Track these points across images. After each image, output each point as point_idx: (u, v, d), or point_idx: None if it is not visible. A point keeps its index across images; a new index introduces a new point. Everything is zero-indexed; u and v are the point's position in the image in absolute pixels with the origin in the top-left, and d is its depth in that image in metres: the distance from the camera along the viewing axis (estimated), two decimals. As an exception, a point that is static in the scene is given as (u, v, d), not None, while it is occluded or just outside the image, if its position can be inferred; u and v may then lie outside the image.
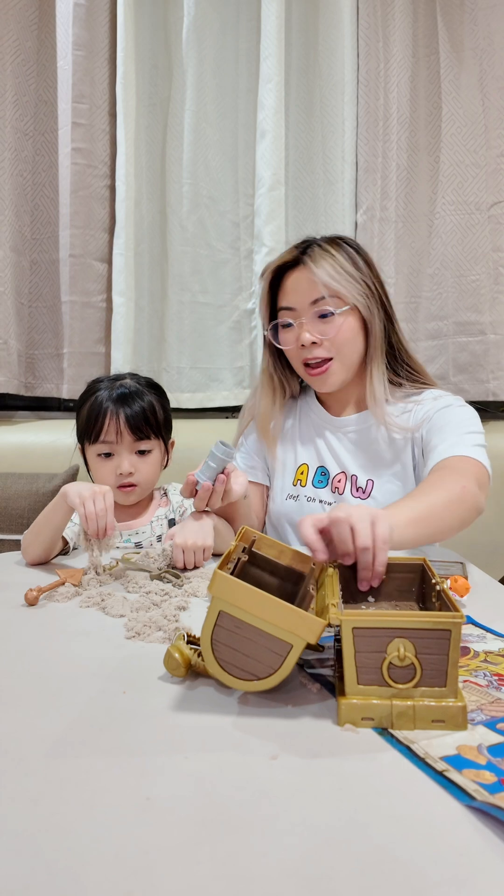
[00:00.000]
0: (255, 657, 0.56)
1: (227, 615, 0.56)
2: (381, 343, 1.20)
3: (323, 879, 0.36)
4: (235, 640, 0.56)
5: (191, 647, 0.63)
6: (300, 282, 1.17)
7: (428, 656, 0.52)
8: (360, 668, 0.53)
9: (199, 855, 0.38)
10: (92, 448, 1.18)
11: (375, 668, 0.53)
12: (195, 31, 1.79)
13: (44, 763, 0.48)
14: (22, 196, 1.76)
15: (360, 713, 0.53)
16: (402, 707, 0.52)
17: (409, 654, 0.52)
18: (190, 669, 0.61)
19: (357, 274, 1.16)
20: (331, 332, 1.15)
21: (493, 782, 0.45)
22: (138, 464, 1.18)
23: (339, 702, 0.54)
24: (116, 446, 1.17)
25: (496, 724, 0.53)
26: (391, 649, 0.53)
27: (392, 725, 0.52)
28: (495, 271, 1.84)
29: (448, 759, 0.48)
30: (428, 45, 1.85)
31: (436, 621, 0.52)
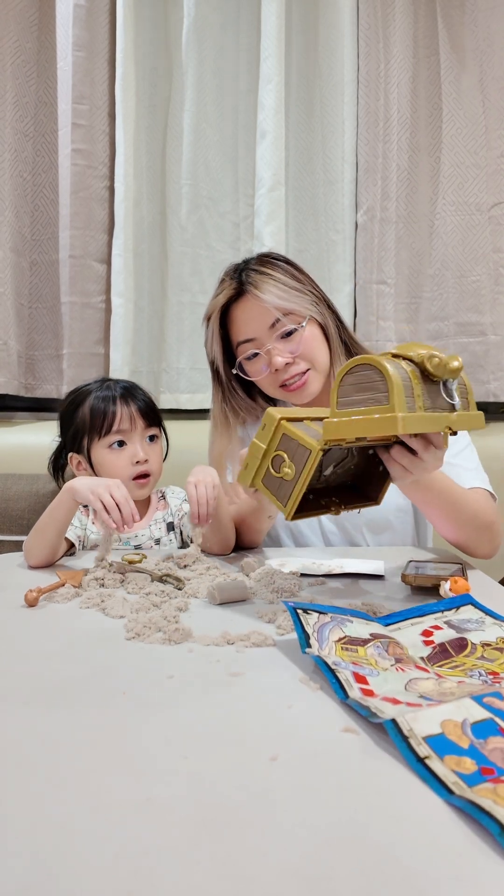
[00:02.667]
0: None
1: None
2: (339, 345, 1.22)
3: (323, 880, 0.36)
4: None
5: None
6: (251, 311, 1.16)
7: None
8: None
9: (199, 855, 0.38)
10: (102, 442, 1.18)
11: None
12: (195, 31, 1.79)
13: (43, 764, 0.48)
14: (22, 197, 1.76)
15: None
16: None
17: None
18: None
19: (300, 286, 1.18)
20: (297, 348, 1.16)
21: (473, 772, 0.45)
22: (149, 451, 1.20)
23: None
24: (130, 433, 1.18)
25: (483, 699, 0.52)
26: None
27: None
28: (496, 272, 1.84)
29: (431, 740, 0.48)
30: (428, 46, 1.85)
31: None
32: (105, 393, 1.20)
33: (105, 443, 1.18)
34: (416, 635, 0.73)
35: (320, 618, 0.71)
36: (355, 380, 0.75)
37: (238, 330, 1.20)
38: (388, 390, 0.71)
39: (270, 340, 1.16)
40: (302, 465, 0.77)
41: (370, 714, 0.52)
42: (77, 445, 1.21)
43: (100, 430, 1.17)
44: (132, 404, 1.19)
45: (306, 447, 0.77)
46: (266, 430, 0.81)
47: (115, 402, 1.18)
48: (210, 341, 1.23)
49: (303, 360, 1.16)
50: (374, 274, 1.85)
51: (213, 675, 0.63)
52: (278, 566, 1.01)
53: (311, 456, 0.76)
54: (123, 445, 1.18)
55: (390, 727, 0.49)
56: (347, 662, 0.62)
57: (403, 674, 0.61)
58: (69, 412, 1.22)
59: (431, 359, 0.74)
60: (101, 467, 1.19)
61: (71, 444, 1.22)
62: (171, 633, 0.72)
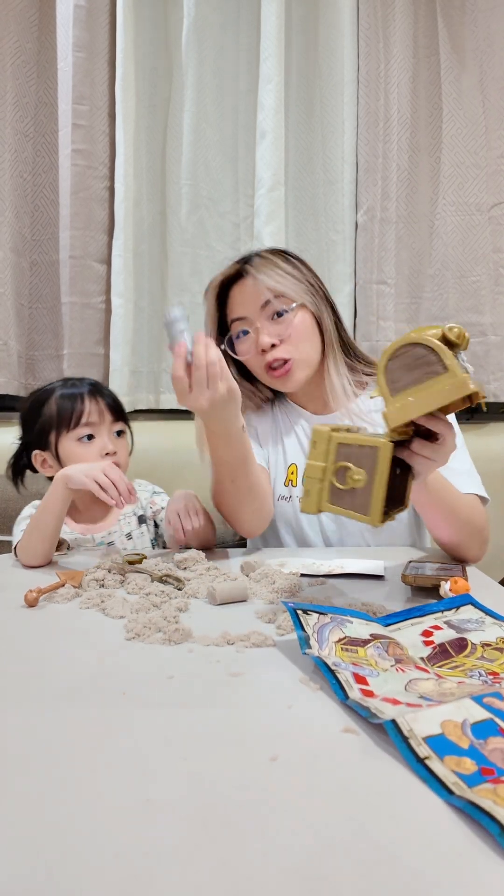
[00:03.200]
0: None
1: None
2: (334, 338, 1.23)
3: (323, 880, 0.36)
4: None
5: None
6: (245, 291, 1.20)
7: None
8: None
9: (199, 856, 0.38)
10: (70, 435, 1.19)
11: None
12: (195, 32, 1.80)
13: (43, 764, 0.48)
14: (22, 197, 1.76)
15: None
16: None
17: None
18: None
19: (299, 274, 1.21)
20: (285, 331, 1.18)
21: (473, 772, 0.45)
22: (117, 444, 1.22)
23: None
24: (99, 427, 1.20)
25: (483, 699, 0.52)
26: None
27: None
28: (496, 272, 1.84)
29: (431, 740, 0.48)
30: (428, 46, 1.85)
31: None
32: (71, 390, 1.22)
33: (74, 436, 1.19)
34: (416, 635, 0.73)
35: (320, 618, 0.71)
36: (402, 362, 0.75)
37: (232, 308, 1.23)
38: (441, 359, 0.73)
39: (261, 321, 1.19)
40: (374, 466, 0.75)
41: (370, 715, 0.52)
42: (43, 442, 1.21)
43: (68, 423, 1.19)
44: (100, 399, 1.21)
45: (372, 446, 0.75)
46: (318, 447, 0.78)
47: (83, 397, 1.20)
48: (206, 318, 1.26)
49: (288, 345, 1.18)
50: (374, 274, 1.85)
51: (213, 676, 0.63)
52: (278, 566, 1.01)
53: (382, 451, 0.74)
54: (92, 439, 1.20)
55: (390, 728, 0.49)
56: (347, 663, 0.62)
57: (403, 674, 0.61)
58: (33, 410, 1.23)
59: (451, 330, 0.75)
60: (70, 460, 1.19)
61: (36, 442, 1.22)
62: (171, 634, 0.72)
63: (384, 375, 0.77)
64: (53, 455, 1.21)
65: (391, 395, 0.76)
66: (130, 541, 1.26)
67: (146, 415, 1.87)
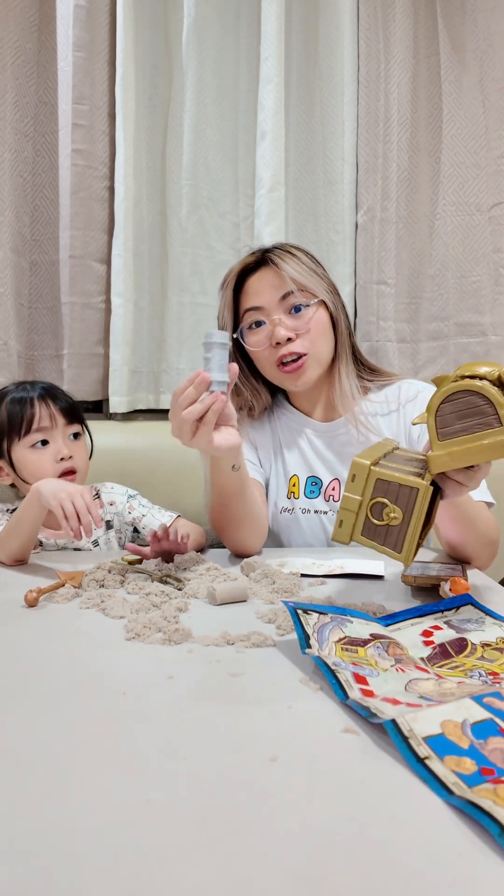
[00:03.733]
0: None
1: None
2: (347, 340, 1.22)
3: (323, 881, 0.36)
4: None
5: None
6: (265, 280, 1.17)
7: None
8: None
9: (199, 856, 0.38)
10: (23, 442, 1.16)
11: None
12: (195, 32, 1.79)
13: (43, 764, 0.48)
14: (22, 197, 1.76)
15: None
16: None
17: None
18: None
19: (319, 271, 1.19)
20: (303, 326, 1.15)
21: (473, 772, 0.45)
22: (73, 448, 1.19)
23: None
24: (52, 431, 1.17)
25: (483, 699, 0.52)
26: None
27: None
28: (496, 272, 1.84)
29: (431, 740, 0.48)
30: (428, 47, 1.85)
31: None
32: (21, 394, 1.19)
33: (27, 443, 1.16)
34: (416, 635, 0.73)
35: (320, 618, 0.71)
36: (455, 407, 0.74)
37: (249, 298, 1.19)
38: (498, 413, 0.71)
39: (278, 313, 1.16)
40: (411, 506, 0.74)
41: (370, 714, 0.52)
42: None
43: (19, 430, 1.16)
44: (51, 404, 1.18)
45: (411, 486, 0.74)
46: (357, 480, 0.76)
47: (33, 402, 1.17)
48: (223, 308, 1.22)
49: (304, 340, 1.15)
50: (374, 274, 1.85)
51: (213, 676, 0.63)
52: (278, 566, 1.01)
53: (421, 493, 0.73)
54: (46, 444, 1.17)
55: (390, 727, 0.49)
56: (347, 663, 0.62)
57: (403, 674, 0.61)
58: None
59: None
60: (25, 468, 1.17)
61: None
62: (171, 634, 0.72)
63: (434, 417, 0.76)
64: (7, 462, 1.19)
65: (439, 440, 0.75)
66: (97, 547, 1.23)
67: (146, 415, 1.87)
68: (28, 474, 1.16)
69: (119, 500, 1.27)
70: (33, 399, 1.17)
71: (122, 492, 1.29)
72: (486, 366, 0.74)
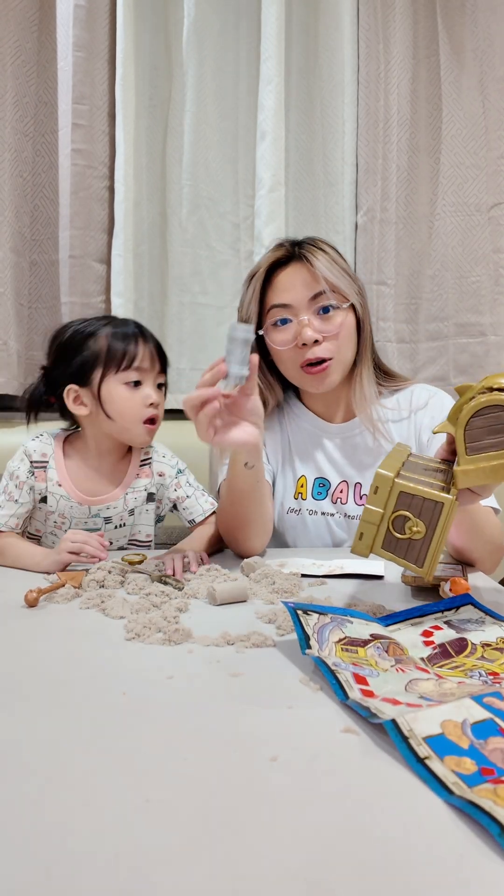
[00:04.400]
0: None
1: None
2: (370, 344, 1.19)
3: (323, 882, 0.36)
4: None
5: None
6: (296, 277, 1.13)
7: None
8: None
9: (199, 857, 0.38)
10: (118, 377, 1.10)
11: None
12: (195, 32, 1.80)
13: (43, 764, 0.48)
14: (22, 197, 1.76)
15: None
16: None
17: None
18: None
19: (351, 272, 1.16)
20: (332, 329, 1.12)
21: (473, 772, 0.45)
22: (159, 397, 1.14)
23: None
24: (147, 374, 1.12)
25: (483, 699, 0.52)
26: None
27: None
28: (496, 273, 1.84)
29: (431, 740, 0.48)
30: (428, 47, 1.85)
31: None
32: (124, 329, 1.13)
33: (122, 378, 1.11)
34: (416, 636, 0.73)
35: (320, 618, 0.71)
36: (485, 422, 0.73)
37: (277, 293, 1.14)
38: None
39: (307, 312, 1.12)
40: (435, 520, 0.72)
41: (370, 715, 0.52)
42: (82, 378, 1.12)
43: (118, 365, 1.10)
44: (151, 348, 1.14)
45: (436, 500, 0.72)
46: (380, 493, 0.75)
47: (137, 341, 1.12)
48: (248, 301, 1.17)
49: (331, 344, 1.12)
50: (374, 275, 1.85)
51: (212, 676, 0.63)
52: (278, 567, 1.01)
53: (446, 508, 0.72)
54: (139, 386, 1.12)
55: (390, 727, 0.49)
56: (347, 663, 0.62)
57: (403, 674, 0.61)
58: (76, 343, 1.13)
59: None
60: (114, 403, 1.11)
61: (72, 377, 1.13)
62: (171, 634, 0.72)
63: (464, 431, 0.74)
64: (94, 394, 1.11)
65: (467, 454, 0.74)
66: (131, 517, 1.19)
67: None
68: (115, 410, 1.11)
69: (168, 473, 1.21)
70: (137, 338, 1.12)
71: (172, 463, 1.22)
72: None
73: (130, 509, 1.18)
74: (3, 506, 1.13)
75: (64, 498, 1.15)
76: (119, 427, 1.11)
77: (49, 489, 1.14)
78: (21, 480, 1.13)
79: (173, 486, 1.20)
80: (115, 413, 1.11)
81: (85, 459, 1.16)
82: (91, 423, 1.15)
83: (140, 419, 1.11)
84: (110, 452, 1.16)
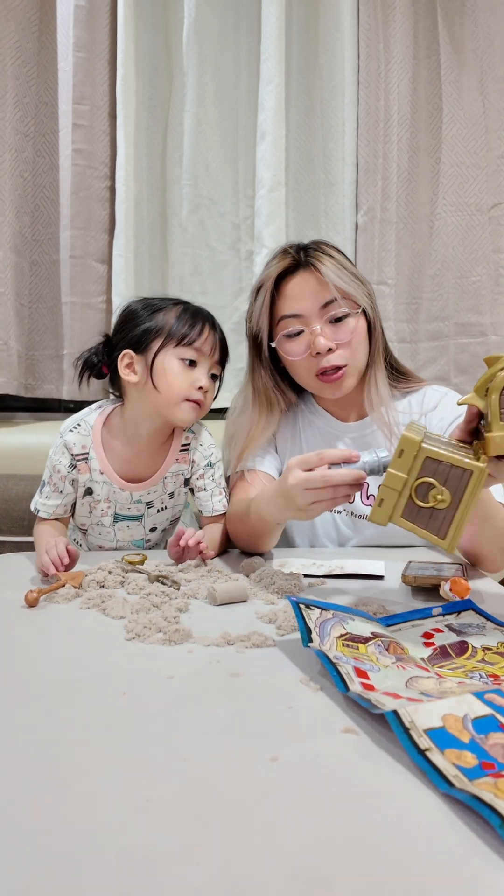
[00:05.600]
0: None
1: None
2: (382, 345, 1.19)
3: (323, 882, 0.36)
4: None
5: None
6: (306, 286, 1.11)
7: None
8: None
9: (199, 857, 0.38)
10: (176, 351, 1.10)
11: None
12: (195, 32, 1.80)
13: (43, 764, 0.48)
14: (22, 197, 1.76)
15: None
16: None
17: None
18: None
19: (359, 276, 1.15)
20: (345, 336, 1.11)
21: (474, 766, 0.45)
22: (210, 387, 1.15)
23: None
24: (204, 359, 1.13)
25: (484, 695, 0.52)
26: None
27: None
28: (496, 272, 1.84)
29: (432, 733, 0.48)
30: (428, 47, 1.85)
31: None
32: (196, 309, 1.15)
33: (179, 353, 1.11)
34: (417, 637, 0.73)
35: (322, 614, 0.71)
36: None
37: (286, 303, 1.13)
38: None
39: (319, 321, 1.11)
40: (462, 489, 0.69)
41: (371, 706, 0.52)
42: (140, 345, 1.13)
43: (180, 339, 1.10)
44: (217, 338, 1.15)
45: (465, 468, 0.69)
46: (405, 456, 0.71)
47: (204, 323, 1.13)
48: (258, 313, 1.16)
49: (345, 351, 1.11)
50: (374, 274, 1.85)
51: (213, 676, 0.63)
52: (278, 567, 1.01)
53: (475, 476, 0.69)
54: (193, 366, 1.12)
55: (391, 718, 0.49)
56: (349, 657, 0.62)
57: (404, 671, 0.61)
58: (144, 312, 1.14)
59: None
60: (164, 375, 1.10)
61: (130, 343, 1.13)
62: (171, 634, 0.72)
63: (500, 395, 0.72)
64: (147, 364, 1.11)
65: (501, 419, 0.71)
66: (172, 499, 1.20)
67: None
68: (164, 383, 1.10)
69: (199, 462, 1.20)
70: (206, 322, 1.13)
71: (207, 454, 1.21)
72: None
73: (170, 492, 1.20)
74: (50, 496, 1.16)
75: (107, 484, 1.17)
76: (164, 401, 1.11)
77: (93, 478, 1.16)
78: (63, 475, 1.15)
79: (198, 474, 1.21)
80: (164, 386, 1.10)
81: (125, 445, 1.17)
82: (136, 395, 1.15)
83: (185, 398, 1.11)
84: (150, 436, 1.17)
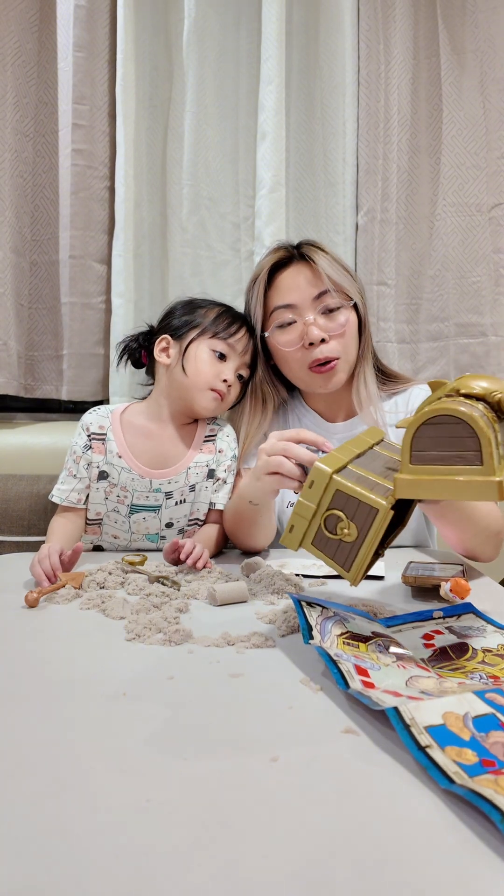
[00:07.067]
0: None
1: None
2: (370, 343, 1.20)
3: (323, 882, 0.36)
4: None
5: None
6: (299, 276, 1.14)
7: None
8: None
9: (199, 857, 0.38)
10: (210, 342, 1.16)
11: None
12: (195, 32, 1.80)
13: (43, 765, 0.48)
14: (22, 197, 1.76)
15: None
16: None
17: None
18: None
19: (351, 270, 1.17)
20: (337, 327, 1.12)
21: (474, 763, 0.45)
22: (235, 384, 1.19)
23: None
24: (234, 357, 1.17)
25: (485, 694, 0.52)
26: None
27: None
28: (496, 273, 1.84)
29: (433, 730, 0.48)
30: (429, 47, 1.85)
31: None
32: (237, 312, 1.22)
33: (212, 345, 1.16)
34: (417, 638, 0.73)
35: (324, 612, 0.71)
36: (436, 432, 0.65)
37: (280, 295, 1.16)
38: (480, 450, 0.63)
39: (312, 312, 1.13)
40: (368, 526, 0.67)
41: (371, 703, 0.52)
42: (178, 332, 1.19)
43: (218, 332, 1.16)
44: (251, 341, 1.20)
45: (371, 505, 0.67)
46: (315, 487, 0.70)
47: (242, 325, 1.19)
48: (254, 304, 1.19)
49: (337, 343, 1.13)
50: (374, 275, 1.85)
51: (213, 676, 0.63)
52: (278, 567, 1.01)
53: (380, 515, 0.66)
54: (223, 360, 1.17)
55: (392, 714, 0.49)
56: (349, 655, 0.62)
57: (405, 670, 0.61)
58: (188, 306, 1.22)
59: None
60: (194, 361, 1.15)
61: (169, 329, 1.20)
62: (172, 635, 0.72)
63: (412, 437, 0.67)
64: (181, 349, 1.17)
65: (410, 463, 0.67)
66: (192, 493, 1.19)
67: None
68: (192, 368, 1.15)
69: (226, 452, 1.22)
70: (244, 324, 1.19)
71: (233, 446, 1.24)
72: (487, 382, 0.66)
73: (192, 485, 1.19)
74: (64, 481, 1.17)
75: (125, 470, 1.16)
76: (189, 386, 1.15)
77: (109, 461, 1.16)
78: (78, 455, 1.16)
79: (224, 466, 1.22)
80: (192, 370, 1.15)
81: (147, 430, 1.19)
82: (166, 377, 1.20)
83: (209, 386, 1.15)
84: (171, 416, 1.20)
